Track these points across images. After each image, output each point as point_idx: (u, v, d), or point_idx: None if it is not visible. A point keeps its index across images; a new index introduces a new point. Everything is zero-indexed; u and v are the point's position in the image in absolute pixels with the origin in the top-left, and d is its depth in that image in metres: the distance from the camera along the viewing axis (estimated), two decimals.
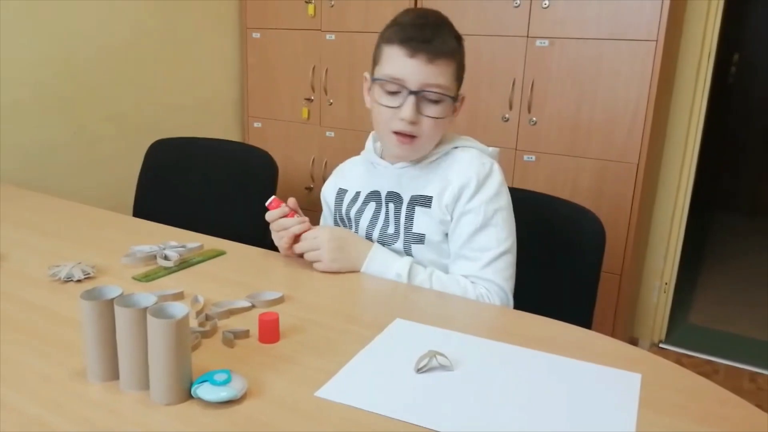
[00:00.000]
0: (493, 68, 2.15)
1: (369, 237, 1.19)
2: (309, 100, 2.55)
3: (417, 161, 1.17)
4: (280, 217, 1.13)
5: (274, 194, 1.17)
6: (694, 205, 2.41)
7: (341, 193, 1.28)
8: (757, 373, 2.34)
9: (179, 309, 0.70)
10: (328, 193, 1.32)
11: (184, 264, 1.12)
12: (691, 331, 2.63)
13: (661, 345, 2.50)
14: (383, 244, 1.16)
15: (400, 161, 1.18)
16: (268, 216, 1.15)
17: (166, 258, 1.10)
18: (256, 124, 2.74)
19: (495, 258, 1.09)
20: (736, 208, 4.24)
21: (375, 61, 1.15)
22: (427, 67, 1.07)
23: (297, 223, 1.13)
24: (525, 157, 2.15)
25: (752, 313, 2.81)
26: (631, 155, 1.98)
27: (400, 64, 1.08)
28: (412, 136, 1.11)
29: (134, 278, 1.05)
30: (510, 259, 1.11)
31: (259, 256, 1.16)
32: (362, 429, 0.66)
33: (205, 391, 0.69)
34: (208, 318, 0.89)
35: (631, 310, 2.39)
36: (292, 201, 1.16)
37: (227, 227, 1.48)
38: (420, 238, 1.14)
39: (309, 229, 1.14)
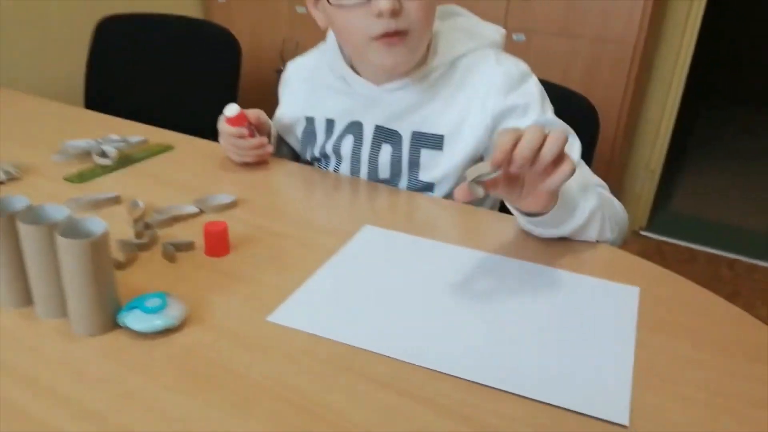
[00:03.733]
0: None
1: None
2: None
3: (411, 80, 0.89)
4: (237, 137, 0.94)
5: (235, 100, 0.95)
6: (686, 94, 2.27)
7: (309, 125, 1.00)
8: (734, 259, 2.33)
9: (96, 225, 0.58)
10: (286, 126, 1.04)
11: (124, 161, 0.98)
12: (672, 218, 2.60)
13: (642, 232, 2.47)
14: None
15: (393, 73, 0.89)
16: (223, 128, 0.95)
17: (103, 155, 0.97)
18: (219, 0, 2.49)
19: (578, 160, 0.86)
20: (729, 99, 4.10)
21: None
22: None
23: (254, 146, 0.95)
24: (514, 37, 1.97)
25: (734, 201, 2.77)
26: (629, 34, 1.82)
27: None
28: (400, 33, 0.82)
29: (66, 179, 0.92)
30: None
31: (212, 152, 1.03)
32: (320, 360, 0.57)
33: (134, 320, 0.59)
34: (147, 227, 0.77)
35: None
36: (254, 115, 0.96)
37: (184, 116, 1.33)
38: (428, 187, 0.93)
39: (268, 155, 0.98)
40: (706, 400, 0.54)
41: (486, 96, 0.88)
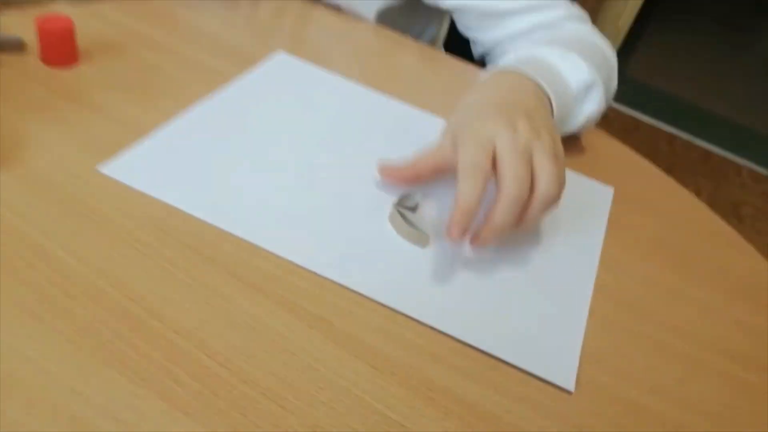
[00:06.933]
0: None
1: None
2: None
3: None
4: None
5: None
6: None
7: None
8: (675, 136, 2.26)
9: None
10: None
11: None
12: (624, 83, 2.46)
13: None
14: None
15: None
16: None
17: None
18: None
19: None
20: None
21: None
22: None
23: None
24: None
25: (689, 74, 2.65)
26: None
27: None
28: None
29: None
30: None
31: None
32: (164, 237, 0.40)
33: None
34: None
35: None
36: None
37: None
38: None
39: None
40: (672, 348, 0.42)
41: None
